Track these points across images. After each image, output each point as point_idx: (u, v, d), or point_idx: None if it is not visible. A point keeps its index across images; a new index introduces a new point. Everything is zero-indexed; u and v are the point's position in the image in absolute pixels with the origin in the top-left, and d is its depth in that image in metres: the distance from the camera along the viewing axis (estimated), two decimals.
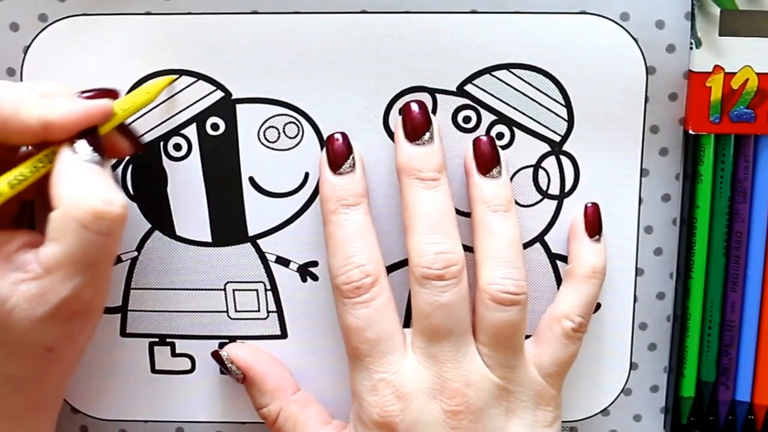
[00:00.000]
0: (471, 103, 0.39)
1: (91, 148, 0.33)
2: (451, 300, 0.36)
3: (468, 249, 0.38)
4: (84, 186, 0.32)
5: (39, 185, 0.34)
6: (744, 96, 0.38)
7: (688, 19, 0.38)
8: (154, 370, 0.42)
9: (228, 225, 0.40)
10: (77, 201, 0.32)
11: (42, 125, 0.32)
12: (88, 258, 0.32)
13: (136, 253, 0.40)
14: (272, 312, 0.41)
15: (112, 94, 0.35)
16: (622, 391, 0.42)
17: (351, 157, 0.38)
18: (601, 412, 0.42)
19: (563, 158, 0.40)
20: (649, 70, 0.38)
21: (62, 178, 0.32)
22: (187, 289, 0.41)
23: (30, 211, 0.39)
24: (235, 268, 0.40)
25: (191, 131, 0.39)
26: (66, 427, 0.42)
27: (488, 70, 0.39)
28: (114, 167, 0.40)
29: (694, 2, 0.37)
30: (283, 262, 0.40)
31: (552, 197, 0.40)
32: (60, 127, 0.33)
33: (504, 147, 0.39)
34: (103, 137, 0.34)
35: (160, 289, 0.41)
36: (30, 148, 0.36)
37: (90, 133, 0.34)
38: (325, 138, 0.39)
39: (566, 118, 0.39)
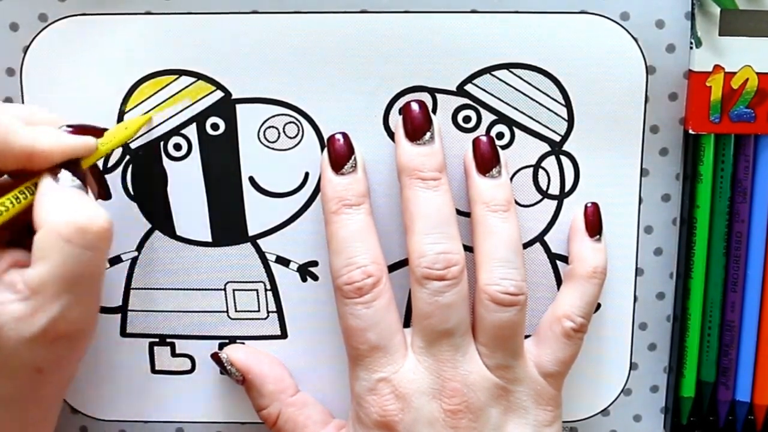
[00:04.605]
0: (471, 103, 0.39)
1: (73, 177, 0.34)
2: (451, 300, 0.36)
3: (468, 249, 0.38)
4: (66, 205, 0.32)
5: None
6: (744, 96, 0.38)
7: (688, 18, 0.38)
8: (154, 370, 0.41)
9: (228, 225, 0.40)
10: (60, 218, 0.32)
11: (27, 154, 0.33)
12: (74, 275, 0.32)
13: (136, 253, 0.40)
14: (272, 312, 0.41)
15: (97, 132, 0.36)
16: (622, 391, 0.42)
17: (353, 158, 0.38)
18: (601, 412, 0.42)
19: (563, 158, 0.40)
20: (649, 70, 0.38)
21: (44, 201, 0.32)
22: (187, 289, 0.41)
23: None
24: (235, 268, 0.40)
25: (191, 131, 0.39)
26: (66, 427, 0.42)
27: (488, 70, 0.39)
28: (113, 168, 0.40)
29: (694, 2, 0.37)
30: (283, 262, 0.40)
31: (552, 197, 0.40)
32: (44, 158, 0.33)
33: (504, 147, 0.39)
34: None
35: (160, 289, 0.41)
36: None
37: (72, 164, 0.34)
38: (325, 138, 0.39)
39: (566, 117, 0.39)
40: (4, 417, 0.34)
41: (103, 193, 0.40)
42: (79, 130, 0.35)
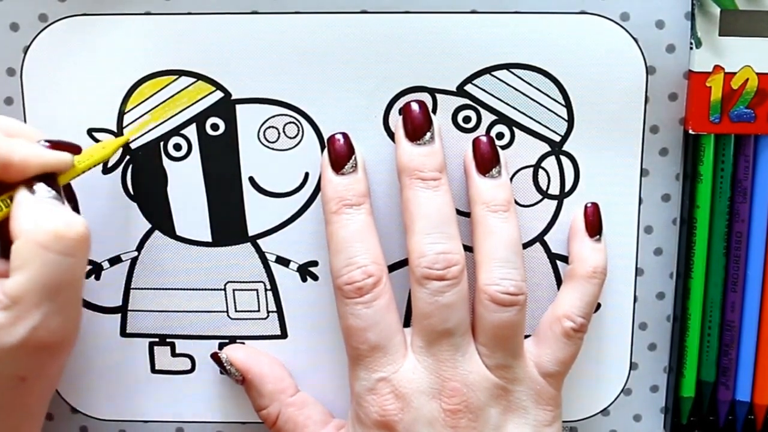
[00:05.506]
0: (471, 103, 0.39)
1: (49, 188, 0.34)
2: (451, 300, 0.36)
3: (468, 249, 0.38)
4: (43, 214, 0.32)
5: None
6: (744, 96, 0.38)
7: (688, 19, 0.38)
8: (154, 370, 0.41)
9: (228, 225, 0.40)
10: (37, 227, 0.32)
11: (3, 164, 0.33)
12: (54, 282, 0.32)
13: (136, 253, 0.40)
14: (272, 312, 0.41)
15: (74, 148, 0.36)
16: (622, 391, 0.42)
17: (353, 158, 0.38)
18: (601, 412, 0.42)
19: (563, 158, 0.40)
20: (649, 70, 0.38)
21: (20, 212, 0.33)
22: (187, 289, 0.41)
23: None
24: (235, 268, 0.40)
25: (191, 131, 0.39)
26: (66, 427, 0.42)
27: (488, 70, 0.39)
28: (113, 168, 0.40)
29: (694, 2, 0.38)
30: (283, 262, 0.40)
31: (552, 197, 0.40)
32: (20, 169, 0.33)
33: (504, 147, 0.39)
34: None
35: (160, 289, 0.41)
36: None
37: (48, 178, 0.34)
38: (325, 138, 0.39)
39: (566, 118, 0.39)
40: None
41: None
42: (57, 145, 0.35)
